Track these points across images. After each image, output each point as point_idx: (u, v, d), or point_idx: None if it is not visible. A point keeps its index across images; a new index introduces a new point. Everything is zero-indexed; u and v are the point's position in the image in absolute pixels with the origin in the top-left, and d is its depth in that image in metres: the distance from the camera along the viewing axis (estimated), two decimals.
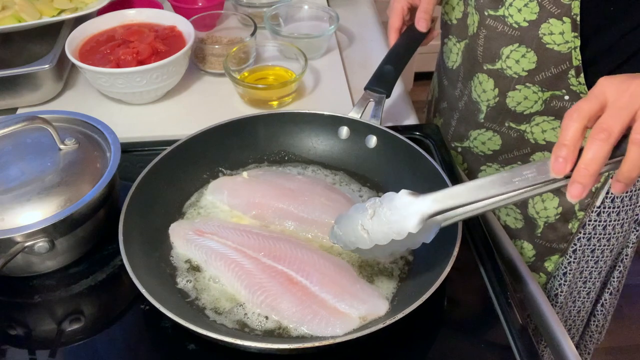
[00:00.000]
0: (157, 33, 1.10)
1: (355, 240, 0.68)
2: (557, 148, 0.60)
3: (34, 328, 0.74)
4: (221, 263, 0.76)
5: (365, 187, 0.89)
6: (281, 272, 0.73)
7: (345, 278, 0.73)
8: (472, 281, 0.78)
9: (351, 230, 0.69)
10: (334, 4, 1.38)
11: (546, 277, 1.07)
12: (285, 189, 0.85)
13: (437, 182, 0.81)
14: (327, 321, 0.69)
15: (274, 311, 0.71)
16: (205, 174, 0.90)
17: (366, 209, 0.68)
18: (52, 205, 0.75)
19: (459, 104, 1.05)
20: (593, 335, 1.20)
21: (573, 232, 1.00)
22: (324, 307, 0.70)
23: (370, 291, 0.72)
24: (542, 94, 0.91)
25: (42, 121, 0.78)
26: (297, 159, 0.94)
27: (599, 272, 1.07)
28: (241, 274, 0.74)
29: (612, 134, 0.58)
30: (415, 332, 0.71)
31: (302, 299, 0.71)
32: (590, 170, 0.58)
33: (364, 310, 0.70)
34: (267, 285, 0.72)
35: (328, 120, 0.93)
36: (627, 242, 1.07)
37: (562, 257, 1.04)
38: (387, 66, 0.97)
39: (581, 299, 1.10)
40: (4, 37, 1.16)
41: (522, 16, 0.86)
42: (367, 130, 0.91)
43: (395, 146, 0.88)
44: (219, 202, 0.86)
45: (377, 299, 0.72)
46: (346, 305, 0.70)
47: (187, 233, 0.80)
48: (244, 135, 0.92)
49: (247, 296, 0.72)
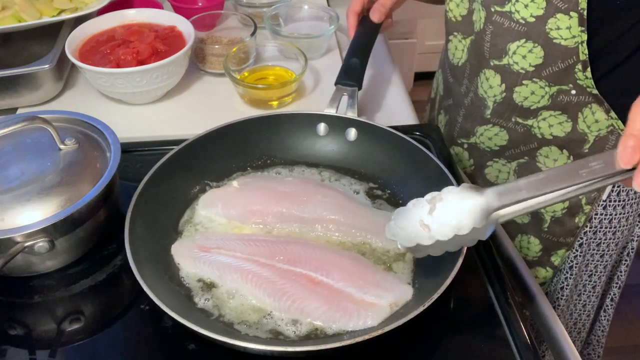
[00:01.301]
0: (157, 33, 1.10)
1: (415, 236, 0.65)
2: (626, 138, 0.57)
3: (34, 328, 0.74)
4: (237, 276, 0.73)
5: (354, 179, 0.89)
6: (300, 275, 0.73)
7: (364, 270, 0.74)
8: (472, 281, 0.78)
9: (411, 225, 0.66)
10: (334, 4, 1.38)
11: (553, 272, 1.08)
12: (280, 192, 0.84)
13: (423, 162, 0.83)
14: (358, 314, 0.69)
15: (303, 314, 0.70)
16: (194, 189, 0.87)
17: (425, 203, 0.65)
18: (52, 205, 0.75)
19: (465, 101, 1.05)
20: (605, 329, 1.20)
21: (580, 225, 1.01)
22: (352, 301, 0.70)
23: (391, 279, 0.73)
24: (548, 88, 0.91)
25: (42, 121, 0.78)
26: (280, 162, 0.93)
27: (604, 265, 1.08)
28: (261, 283, 0.72)
29: None
30: (415, 332, 0.70)
31: (329, 298, 0.71)
32: None
33: (391, 297, 0.70)
34: (291, 290, 0.71)
35: (304, 118, 0.92)
36: (632, 236, 1.08)
37: (569, 251, 1.05)
38: (353, 59, 1.00)
39: (586, 292, 1.11)
40: (4, 37, 1.16)
41: (529, 12, 0.86)
42: (345, 123, 0.91)
43: (375, 135, 0.89)
44: (214, 215, 0.83)
45: (401, 285, 0.72)
46: (373, 296, 0.71)
47: (193, 251, 0.77)
48: (224, 144, 0.89)
49: (274, 304, 0.71)
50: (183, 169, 0.85)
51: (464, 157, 1.10)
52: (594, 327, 1.21)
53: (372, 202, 0.86)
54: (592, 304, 1.13)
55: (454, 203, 0.64)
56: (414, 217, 0.66)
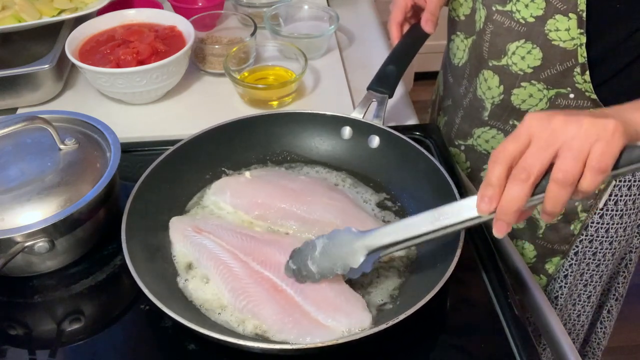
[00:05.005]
0: (157, 33, 1.10)
1: (307, 274, 0.72)
2: (484, 187, 0.61)
3: (34, 328, 0.74)
4: (211, 263, 0.75)
5: (368, 187, 0.89)
6: (267, 279, 0.73)
7: (331, 288, 0.72)
8: (472, 282, 0.78)
9: (303, 265, 0.72)
10: (334, 4, 1.38)
11: (547, 280, 1.07)
12: (288, 190, 0.85)
13: (439, 182, 0.81)
14: (307, 331, 0.68)
15: (255, 317, 0.70)
16: (208, 174, 0.89)
17: (315, 245, 0.72)
18: (52, 205, 0.75)
19: (464, 102, 1.05)
20: (601, 342, 1.19)
21: (575, 233, 1.00)
22: (306, 318, 0.70)
23: (354, 302, 0.71)
24: (547, 91, 0.91)
25: (42, 121, 0.78)
26: (300, 159, 0.93)
27: (599, 275, 1.06)
28: (228, 277, 0.74)
29: (532, 174, 0.58)
30: (415, 332, 0.71)
31: (285, 307, 0.70)
32: (513, 209, 0.59)
33: (346, 324, 0.69)
34: (251, 291, 0.72)
35: (331, 120, 0.92)
36: (631, 247, 1.07)
37: (563, 259, 1.04)
38: (389, 66, 0.97)
39: (581, 302, 1.10)
40: (4, 37, 1.16)
41: (529, 12, 0.86)
42: (369, 130, 0.91)
43: (397, 146, 0.88)
44: (221, 202, 0.86)
45: (361, 312, 0.70)
46: (329, 319, 0.69)
47: (186, 229, 0.80)
48: (247, 135, 0.92)
49: (230, 300, 0.72)
50: (200, 154, 0.88)
51: (460, 159, 1.10)
52: (589, 339, 1.20)
53: (380, 212, 0.85)
54: (586, 314, 1.12)
55: (337, 245, 0.71)
56: (306, 257, 0.72)
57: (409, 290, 0.73)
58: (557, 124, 0.58)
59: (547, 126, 0.59)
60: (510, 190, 0.59)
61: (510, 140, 0.60)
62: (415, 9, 1.02)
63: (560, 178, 0.57)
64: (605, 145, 0.57)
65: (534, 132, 0.59)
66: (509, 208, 0.59)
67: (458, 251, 0.70)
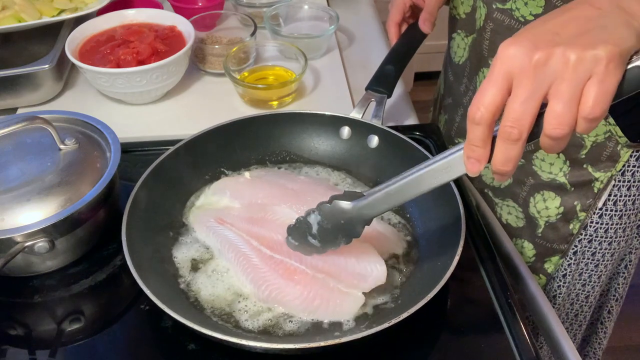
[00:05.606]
0: (157, 33, 1.10)
1: (311, 248, 0.73)
2: (468, 148, 0.56)
3: (34, 328, 0.74)
4: (232, 255, 0.77)
5: (367, 187, 0.89)
6: (279, 262, 0.75)
7: (340, 252, 0.74)
8: (472, 281, 0.78)
9: (304, 241, 0.73)
10: (334, 4, 1.38)
11: (546, 279, 1.07)
12: (287, 190, 0.85)
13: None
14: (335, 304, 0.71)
15: (280, 304, 0.72)
16: (207, 175, 0.89)
17: (310, 223, 0.72)
18: (52, 205, 0.75)
19: (464, 100, 1.05)
20: (601, 342, 1.19)
21: (574, 233, 1.00)
22: (327, 291, 0.72)
23: (366, 259, 0.74)
24: None
25: (42, 121, 0.78)
26: (299, 160, 0.94)
27: (598, 276, 1.06)
28: (247, 268, 0.75)
29: (524, 131, 0.52)
30: (415, 332, 0.71)
31: (306, 287, 0.72)
32: (509, 168, 0.55)
33: (364, 286, 0.72)
34: (270, 279, 0.73)
35: (330, 120, 0.92)
36: (630, 248, 1.06)
37: (563, 258, 1.04)
38: (388, 66, 0.97)
39: (579, 302, 1.10)
40: (4, 37, 1.16)
41: (529, 9, 0.86)
42: (368, 130, 0.91)
43: (397, 146, 0.88)
44: (221, 202, 0.85)
45: (376, 268, 0.73)
46: (348, 286, 0.72)
47: (209, 220, 0.81)
48: (246, 135, 0.92)
49: (253, 290, 0.74)
50: (199, 155, 0.88)
51: None
52: (590, 339, 1.20)
53: None
54: (584, 314, 1.12)
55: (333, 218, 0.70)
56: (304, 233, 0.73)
57: (410, 290, 0.74)
58: (539, 60, 0.51)
59: (528, 64, 0.51)
60: (504, 151, 0.54)
61: (488, 86, 0.53)
62: (414, 9, 1.02)
63: (554, 134, 0.52)
64: (598, 85, 0.50)
65: (514, 73, 0.52)
66: (506, 169, 0.55)
67: (459, 251, 0.70)
